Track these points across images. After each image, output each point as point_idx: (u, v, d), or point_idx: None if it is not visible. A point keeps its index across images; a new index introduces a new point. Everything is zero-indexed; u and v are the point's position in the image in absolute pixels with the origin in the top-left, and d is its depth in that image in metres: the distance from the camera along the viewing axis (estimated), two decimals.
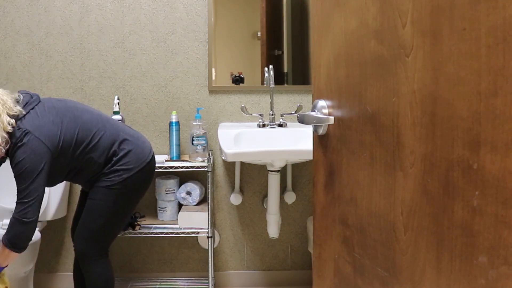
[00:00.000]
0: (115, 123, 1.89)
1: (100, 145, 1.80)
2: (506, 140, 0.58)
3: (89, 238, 1.85)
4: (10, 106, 1.69)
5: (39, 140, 1.69)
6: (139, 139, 1.90)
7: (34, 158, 1.67)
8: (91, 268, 1.87)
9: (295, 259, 2.58)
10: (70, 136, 1.76)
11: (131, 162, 1.83)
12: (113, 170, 1.81)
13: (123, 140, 1.85)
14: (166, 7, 2.46)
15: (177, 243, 2.56)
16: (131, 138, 1.87)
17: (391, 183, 0.84)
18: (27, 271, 2.17)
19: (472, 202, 0.64)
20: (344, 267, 1.03)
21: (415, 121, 0.76)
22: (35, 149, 1.67)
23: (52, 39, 2.47)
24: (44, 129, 1.71)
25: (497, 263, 0.60)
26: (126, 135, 1.87)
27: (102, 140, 1.81)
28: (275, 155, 2.02)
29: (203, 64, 2.48)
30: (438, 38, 0.70)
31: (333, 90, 1.05)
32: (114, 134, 1.84)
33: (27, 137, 1.68)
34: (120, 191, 1.82)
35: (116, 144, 1.83)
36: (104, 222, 1.84)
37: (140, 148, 1.87)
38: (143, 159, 1.86)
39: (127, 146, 1.84)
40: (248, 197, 2.54)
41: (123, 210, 1.87)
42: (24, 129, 1.69)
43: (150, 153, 1.91)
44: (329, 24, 1.06)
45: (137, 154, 1.85)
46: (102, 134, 1.82)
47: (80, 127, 1.79)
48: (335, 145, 1.05)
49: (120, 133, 1.86)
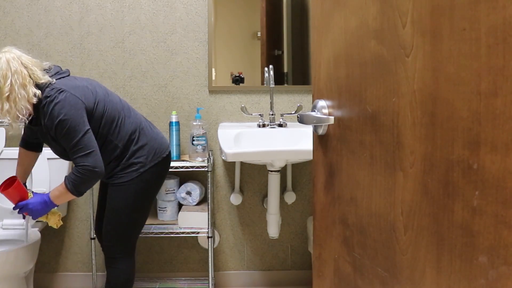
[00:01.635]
0: (139, 115, 1.91)
1: (123, 129, 1.80)
2: (506, 140, 0.58)
3: (115, 237, 1.86)
4: (38, 76, 1.66)
5: (76, 96, 1.66)
6: (158, 134, 1.92)
7: (74, 111, 1.64)
8: (115, 265, 1.88)
9: (295, 259, 2.58)
10: (102, 108, 1.75)
11: (148, 156, 1.83)
12: (129, 163, 1.81)
13: (142, 131, 1.85)
14: (166, 7, 2.46)
15: (177, 243, 2.56)
16: (150, 132, 1.88)
17: (391, 183, 0.84)
18: (27, 271, 2.17)
19: (472, 202, 0.64)
20: (344, 267, 1.03)
21: (415, 121, 0.76)
22: (73, 104, 1.64)
23: (52, 39, 2.47)
24: (78, 90, 1.69)
25: (497, 263, 0.60)
26: (146, 128, 1.88)
27: (125, 125, 1.81)
28: (275, 155, 2.02)
29: (203, 64, 2.48)
30: (438, 38, 0.70)
31: (333, 90, 1.05)
32: (137, 122, 1.85)
33: (63, 94, 1.65)
34: (138, 186, 1.82)
35: (137, 133, 1.83)
36: (127, 219, 1.84)
37: (158, 142, 1.88)
38: (160, 154, 1.87)
39: (145, 138, 1.85)
40: (248, 197, 2.54)
41: (143, 205, 1.87)
42: (59, 87, 1.66)
43: (168, 148, 1.92)
44: (329, 24, 1.06)
45: (154, 148, 1.86)
46: (125, 120, 1.82)
47: (110, 104, 1.79)
48: (335, 145, 1.05)
49: (142, 124, 1.87)
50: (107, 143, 1.79)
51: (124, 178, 1.81)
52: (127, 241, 1.88)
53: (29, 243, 2.11)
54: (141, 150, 1.83)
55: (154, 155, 1.85)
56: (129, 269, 1.90)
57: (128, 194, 1.81)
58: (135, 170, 1.81)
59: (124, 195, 1.82)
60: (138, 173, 1.81)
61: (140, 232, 1.95)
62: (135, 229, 1.90)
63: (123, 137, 1.80)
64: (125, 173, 1.81)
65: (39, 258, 2.43)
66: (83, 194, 1.75)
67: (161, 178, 1.92)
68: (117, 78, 2.48)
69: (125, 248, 1.88)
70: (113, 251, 1.88)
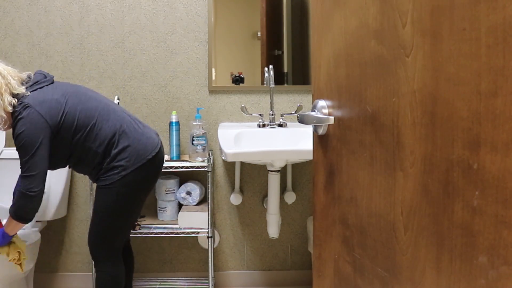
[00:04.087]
0: (121, 115, 1.83)
1: (100, 135, 1.77)
2: (506, 140, 0.58)
3: (96, 240, 1.85)
4: (13, 86, 1.70)
5: (39, 114, 1.69)
6: (143, 135, 1.83)
7: (33, 131, 1.68)
8: (101, 268, 1.87)
9: (295, 259, 2.58)
10: (72, 118, 1.75)
11: (130, 158, 1.77)
12: (111, 167, 1.77)
13: (123, 133, 1.79)
14: (166, 7, 2.46)
15: (177, 243, 2.56)
16: (133, 133, 1.81)
17: (391, 183, 0.84)
18: (27, 271, 2.17)
19: (472, 202, 0.64)
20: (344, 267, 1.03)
21: (415, 121, 0.76)
22: (34, 122, 1.68)
23: (52, 39, 2.47)
24: (45, 105, 1.71)
25: (497, 263, 0.60)
26: (129, 129, 1.81)
27: (102, 130, 1.77)
28: (275, 155, 2.02)
29: (203, 64, 2.48)
30: (438, 38, 0.70)
31: (333, 90, 1.05)
32: (116, 125, 1.79)
33: (27, 111, 1.69)
34: (119, 189, 1.78)
35: (116, 136, 1.78)
36: (108, 223, 1.82)
37: (142, 143, 1.80)
38: (144, 155, 1.79)
39: (127, 141, 1.78)
40: (248, 197, 2.54)
41: (125, 210, 1.83)
42: (26, 103, 1.70)
43: (155, 149, 1.83)
44: (329, 24, 1.06)
45: (137, 150, 1.79)
46: (103, 124, 1.78)
47: (83, 112, 1.77)
48: (335, 145, 1.05)
49: (124, 125, 1.80)
50: (86, 150, 1.77)
51: (107, 181, 1.78)
52: (110, 244, 1.86)
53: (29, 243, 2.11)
54: (123, 153, 1.77)
55: (137, 158, 1.78)
56: (116, 272, 1.87)
57: (110, 197, 1.79)
58: (117, 173, 1.77)
59: (106, 197, 1.79)
60: (120, 176, 1.77)
61: (126, 235, 1.92)
62: (119, 232, 1.87)
63: (102, 142, 1.77)
64: (107, 175, 1.78)
65: (39, 258, 2.43)
66: (30, 219, 1.75)
67: (147, 181, 1.84)
68: (117, 78, 2.48)
69: (109, 251, 1.86)
70: (97, 254, 1.86)
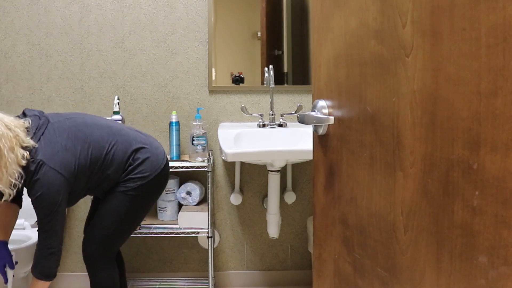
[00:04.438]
0: (127, 133, 1.84)
1: (115, 160, 1.77)
2: (506, 140, 0.58)
3: (99, 243, 1.83)
4: (22, 139, 1.62)
5: (55, 170, 1.63)
6: (153, 145, 1.86)
7: (52, 190, 1.63)
8: (98, 271, 1.85)
9: (295, 259, 2.58)
10: (84, 159, 1.72)
11: (146, 170, 1.80)
12: (129, 178, 1.79)
13: (137, 150, 1.81)
14: (166, 7, 2.46)
15: (177, 243, 2.56)
16: (145, 146, 1.83)
17: (391, 183, 0.84)
18: (27, 271, 2.17)
19: (472, 202, 0.64)
20: (344, 267, 1.03)
21: (415, 121, 0.76)
22: (52, 182, 1.63)
23: (52, 39, 2.47)
24: (57, 157, 1.65)
25: (497, 263, 0.60)
26: (139, 144, 1.82)
27: (116, 155, 1.77)
28: (275, 155, 2.02)
29: (203, 64, 2.48)
30: (438, 38, 0.70)
31: (333, 90, 1.05)
32: (126, 146, 1.80)
33: (43, 169, 1.62)
34: (134, 197, 1.79)
35: (131, 156, 1.79)
36: (115, 228, 1.82)
37: (155, 155, 1.84)
38: (158, 166, 1.83)
39: (142, 155, 1.80)
40: (248, 197, 2.54)
41: (135, 216, 1.85)
42: (39, 160, 1.62)
43: (164, 158, 1.87)
44: (329, 24, 1.06)
45: (152, 161, 1.82)
46: (115, 149, 1.77)
47: (92, 146, 1.74)
48: (335, 145, 1.05)
49: (133, 142, 1.82)
50: (105, 178, 1.77)
51: (121, 188, 1.79)
52: (110, 250, 1.86)
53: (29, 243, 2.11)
54: (140, 166, 1.79)
55: (152, 168, 1.81)
56: (112, 274, 1.87)
57: (122, 203, 1.79)
58: (133, 182, 1.79)
59: (118, 202, 1.79)
60: (137, 185, 1.79)
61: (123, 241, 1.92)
62: (121, 238, 1.87)
63: (119, 166, 1.77)
64: (122, 185, 1.79)
65: None
66: (56, 274, 1.73)
67: (159, 189, 1.88)
68: (117, 78, 2.48)
69: (107, 255, 1.85)
70: (95, 258, 1.84)
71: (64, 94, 2.48)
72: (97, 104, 2.49)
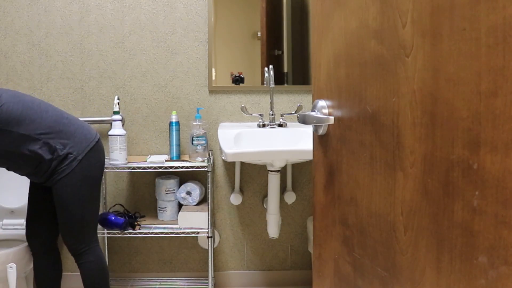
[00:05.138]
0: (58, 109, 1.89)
1: (42, 124, 1.78)
2: (506, 140, 0.58)
3: (76, 232, 1.86)
4: None
5: None
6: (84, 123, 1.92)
7: None
8: (86, 258, 1.88)
9: (295, 259, 2.58)
10: (9, 108, 1.73)
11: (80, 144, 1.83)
12: (64, 155, 1.80)
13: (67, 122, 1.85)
14: (166, 7, 2.46)
15: (177, 243, 2.56)
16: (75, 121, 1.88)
17: (391, 183, 0.84)
18: (27, 271, 2.17)
19: (472, 202, 0.64)
20: (344, 267, 1.03)
21: (415, 121, 0.76)
22: None
23: (52, 39, 2.47)
24: None
25: (497, 263, 0.60)
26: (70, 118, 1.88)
27: (44, 119, 1.79)
28: (275, 155, 2.02)
29: (203, 64, 2.48)
30: (438, 38, 0.70)
31: (333, 90, 1.05)
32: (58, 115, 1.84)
33: None
34: (81, 175, 1.82)
35: (60, 125, 1.82)
36: (82, 211, 1.85)
37: (86, 129, 1.89)
38: (91, 139, 1.87)
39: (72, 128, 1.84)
40: (248, 197, 2.54)
41: (92, 193, 1.88)
42: None
43: (97, 135, 1.92)
44: (329, 24, 1.06)
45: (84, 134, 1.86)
46: (44, 114, 1.80)
47: (21, 103, 1.77)
48: (335, 145, 1.05)
49: (64, 115, 1.87)
50: (25, 139, 1.76)
51: (66, 171, 1.80)
52: (88, 232, 1.88)
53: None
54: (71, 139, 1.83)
55: (86, 141, 1.85)
56: (100, 258, 1.91)
57: (74, 185, 1.81)
58: (73, 159, 1.81)
59: (70, 187, 1.81)
60: (77, 161, 1.81)
61: (97, 222, 1.95)
62: (92, 217, 1.90)
63: (44, 130, 1.78)
64: (64, 166, 1.81)
65: None
66: None
67: (100, 162, 1.91)
68: (117, 78, 2.48)
69: (88, 240, 1.88)
70: (80, 247, 1.88)
71: (64, 94, 2.48)
72: (97, 104, 2.49)
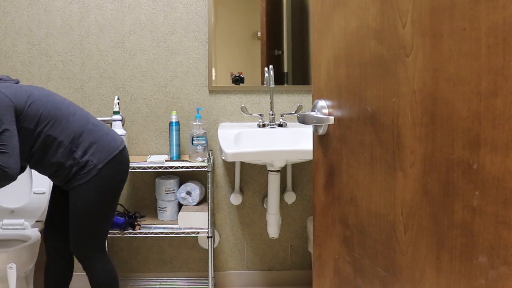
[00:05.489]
0: (86, 112, 1.88)
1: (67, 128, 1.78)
2: (506, 140, 0.58)
3: (86, 240, 1.84)
4: None
5: (4, 94, 1.69)
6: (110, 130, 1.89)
7: None
8: (93, 265, 1.86)
9: (295, 259, 2.58)
10: (37, 107, 1.74)
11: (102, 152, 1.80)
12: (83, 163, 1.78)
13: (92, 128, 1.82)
14: (166, 7, 2.46)
15: (177, 243, 2.56)
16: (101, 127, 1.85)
17: (391, 183, 0.84)
18: (27, 271, 2.17)
19: (472, 202, 0.64)
20: (344, 267, 1.03)
21: (415, 121, 0.76)
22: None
23: (52, 39, 2.47)
24: (10, 89, 1.73)
25: (497, 263, 0.60)
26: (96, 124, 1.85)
27: (70, 123, 1.79)
28: (275, 155, 2.02)
29: (203, 64, 2.48)
30: (438, 38, 0.70)
31: (333, 90, 1.05)
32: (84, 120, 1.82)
33: None
34: (98, 185, 1.79)
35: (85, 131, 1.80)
36: (94, 220, 1.82)
37: (111, 136, 1.85)
38: (115, 148, 1.83)
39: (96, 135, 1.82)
40: (248, 197, 2.54)
41: (108, 204, 1.85)
42: None
43: (122, 143, 1.88)
44: (329, 24, 1.06)
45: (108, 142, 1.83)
46: (69, 117, 1.79)
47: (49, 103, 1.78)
48: (335, 145, 1.05)
49: (91, 120, 1.85)
50: (50, 140, 1.76)
51: (84, 179, 1.78)
52: (98, 241, 1.86)
53: (29, 243, 2.11)
54: (93, 146, 1.80)
55: (109, 149, 1.82)
56: (108, 265, 1.88)
57: (90, 194, 1.79)
58: (92, 168, 1.78)
59: (86, 196, 1.79)
60: (97, 170, 1.78)
61: (108, 231, 1.92)
62: (103, 228, 1.87)
63: (69, 135, 1.78)
64: (83, 173, 1.78)
65: (39, 258, 2.43)
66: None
67: (122, 173, 1.86)
68: (117, 78, 2.48)
69: (98, 248, 1.86)
70: (88, 255, 1.85)
71: (64, 94, 2.48)
72: (97, 104, 2.49)
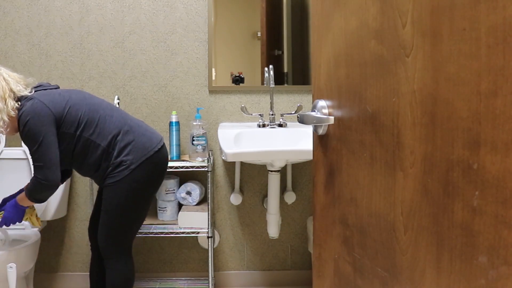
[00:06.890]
0: (124, 114, 1.90)
1: (105, 130, 1.80)
2: (506, 140, 0.58)
3: (109, 237, 1.85)
4: (18, 89, 1.76)
5: (42, 103, 1.73)
6: (147, 130, 1.88)
7: (37, 119, 1.71)
8: (113, 265, 1.87)
9: (295, 259, 2.58)
10: (76, 111, 1.79)
11: (135, 153, 1.80)
12: (118, 162, 1.79)
13: (128, 129, 1.83)
14: (166, 7, 2.46)
15: (177, 243, 2.56)
16: (137, 128, 1.85)
17: (391, 183, 0.84)
18: (27, 271, 2.17)
19: (472, 202, 0.64)
20: (344, 267, 1.03)
21: (415, 121, 0.76)
22: (38, 111, 1.72)
23: (52, 39, 2.47)
24: (48, 97, 1.77)
25: (497, 263, 0.60)
26: (133, 125, 1.86)
27: (107, 124, 1.81)
28: (275, 155, 2.02)
29: (203, 64, 2.48)
30: (438, 38, 0.70)
31: (333, 90, 1.05)
32: (120, 121, 1.84)
33: (30, 102, 1.74)
34: (130, 185, 1.79)
35: (121, 132, 1.82)
36: (120, 220, 1.83)
37: (146, 138, 1.85)
38: (149, 149, 1.83)
39: (131, 136, 1.82)
40: (248, 197, 2.54)
41: (137, 205, 1.84)
42: (30, 97, 1.76)
43: (158, 144, 1.86)
44: (329, 24, 1.06)
45: (142, 144, 1.82)
46: (107, 119, 1.82)
47: (87, 106, 1.82)
48: (335, 145, 1.05)
49: (128, 121, 1.86)
50: (88, 143, 1.79)
51: (116, 177, 1.79)
52: (121, 242, 1.87)
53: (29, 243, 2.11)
54: (128, 147, 1.80)
55: (143, 151, 1.81)
56: (127, 269, 1.88)
57: (120, 193, 1.80)
58: (125, 168, 1.79)
59: (116, 194, 1.80)
60: (129, 171, 1.79)
61: (137, 233, 1.92)
62: (130, 229, 1.88)
63: (106, 137, 1.80)
64: (116, 172, 1.79)
65: (39, 258, 2.43)
66: (43, 201, 1.82)
67: (156, 175, 1.86)
68: (117, 78, 2.48)
69: (121, 249, 1.87)
70: (109, 252, 1.86)
71: None
72: None
